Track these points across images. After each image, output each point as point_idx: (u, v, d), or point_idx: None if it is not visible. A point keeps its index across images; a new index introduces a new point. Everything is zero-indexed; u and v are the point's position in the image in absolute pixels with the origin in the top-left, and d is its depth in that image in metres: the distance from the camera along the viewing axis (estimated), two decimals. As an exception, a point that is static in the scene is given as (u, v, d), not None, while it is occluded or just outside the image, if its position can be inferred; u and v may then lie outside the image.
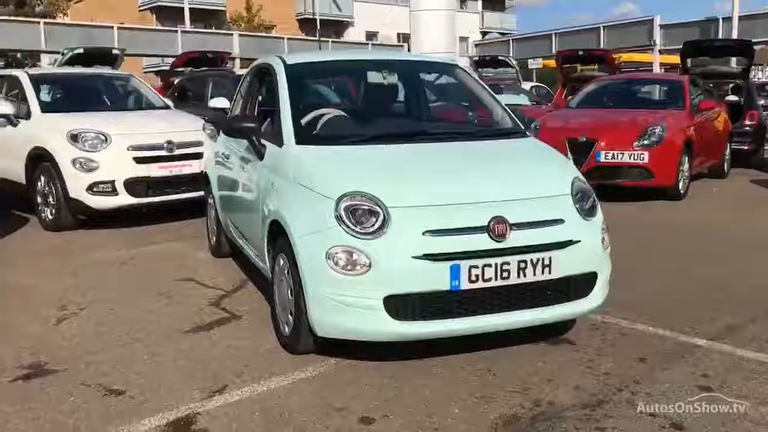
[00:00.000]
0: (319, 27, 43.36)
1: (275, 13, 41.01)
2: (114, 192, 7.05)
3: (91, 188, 7.00)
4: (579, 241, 3.49)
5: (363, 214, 3.29)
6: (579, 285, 3.55)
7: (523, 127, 4.36)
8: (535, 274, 3.36)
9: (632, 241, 6.33)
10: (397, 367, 3.49)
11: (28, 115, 7.68)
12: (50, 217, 7.26)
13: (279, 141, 3.99)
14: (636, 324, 4.09)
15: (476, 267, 3.25)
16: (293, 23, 45.98)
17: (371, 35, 45.25)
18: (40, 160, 7.30)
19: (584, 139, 8.54)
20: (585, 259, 3.53)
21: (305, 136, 3.97)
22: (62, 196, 7.05)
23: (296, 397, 3.18)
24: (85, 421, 2.99)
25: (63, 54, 12.44)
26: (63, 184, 7.02)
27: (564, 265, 3.43)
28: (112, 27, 17.48)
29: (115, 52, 13.12)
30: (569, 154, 8.52)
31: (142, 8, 42.36)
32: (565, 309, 3.54)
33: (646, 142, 8.40)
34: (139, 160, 7.14)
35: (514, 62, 18.16)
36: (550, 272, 3.39)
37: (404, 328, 3.27)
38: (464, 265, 3.23)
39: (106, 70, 11.04)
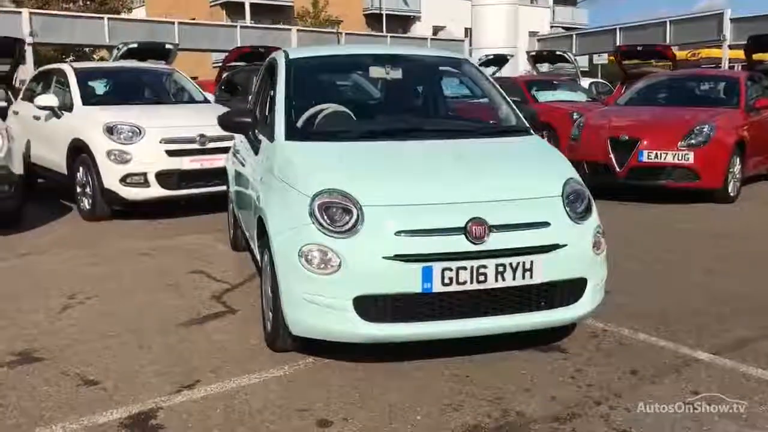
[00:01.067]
0: (385, 22, 43.54)
1: (342, 9, 41.26)
2: (146, 184, 7.21)
3: (124, 179, 7.17)
4: (566, 245, 3.33)
5: (337, 212, 3.22)
6: (566, 291, 3.39)
7: (527, 125, 4.21)
8: (515, 279, 3.22)
9: (660, 245, 6.07)
10: (374, 368, 3.41)
11: (70, 108, 7.94)
12: (87, 207, 7.48)
13: (271, 136, 3.97)
14: (638, 333, 3.89)
15: (450, 269, 3.14)
16: (359, 19, 46.21)
17: (438, 30, 45.04)
18: (79, 151, 7.53)
19: (626, 138, 8.23)
20: (572, 264, 3.37)
21: (295, 131, 3.94)
22: (98, 186, 7.25)
23: (262, 395, 3.14)
24: (51, 411, 3.03)
25: (118, 49, 12.80)
26: (98, 175, 7.22)
27: (548, 270, 3.28)
28: (173, 23, 17.89)
29: (168, 46, 13.41)
30: (611, 154, 8.26)
31: (212, 4, 43.33)
32: (549, 316, 3.39)
33: (692, 141, 8.02)
34: (171, 153, 7.27)
35: (573, 58, 17.67)
36: (532, 277, 3.25)
37: (374, 330, 3.19)
38: (437, 267, 3.13)
39: (150, 65, 11.28)
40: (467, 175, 3.52)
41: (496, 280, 3.20)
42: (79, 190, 7.58)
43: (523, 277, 3.23)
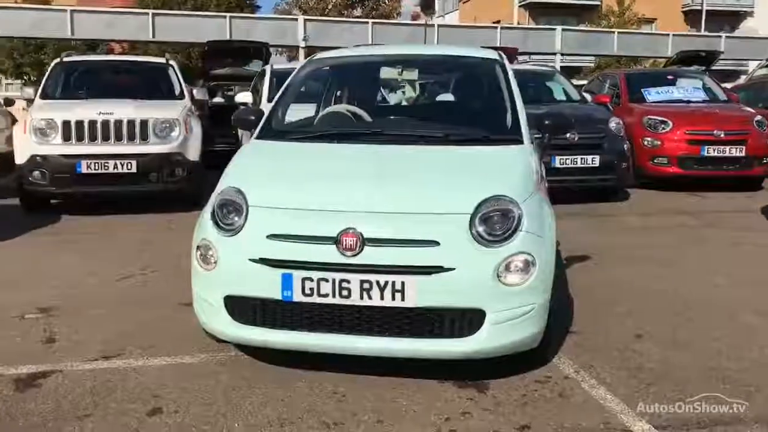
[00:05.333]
0: (704, 19, 39.68)
1: (656, 6, 38.62)
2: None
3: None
4: (453, 268, 2.94)
5: (231, 211, 3.26)
6: (457, 321, 2.99)
7: (520, 135, 3.74)
8: (383, 299, 2.95)
9: None
10: (277, 371, 3.35)
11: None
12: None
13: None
14: (597, 388, 3.24)
15: (311, 280, 2.99)
16: (677, 16, 42.76)
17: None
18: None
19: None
20: (462, 291, 2.96)
21: (269, 130, 4.01)
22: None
23: (142, 379, 3.29)
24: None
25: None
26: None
27: (426, 294, 2.94)
28: (296, 19, 18.28)
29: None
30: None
31: (520, 4, 43.58)
32: (432, 346, 3.03)
33: None
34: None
35: None
36: (404, 299, 2.94)
37: (243, 331, 3.18)
38: (297, 275, 3.00)
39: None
40: (379, 184, 3.27)
41: (362, 298, 2.96)
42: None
43: (393, 298, 2.94)
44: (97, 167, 7.46)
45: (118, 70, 9.51)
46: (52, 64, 9.19)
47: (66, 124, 7.45)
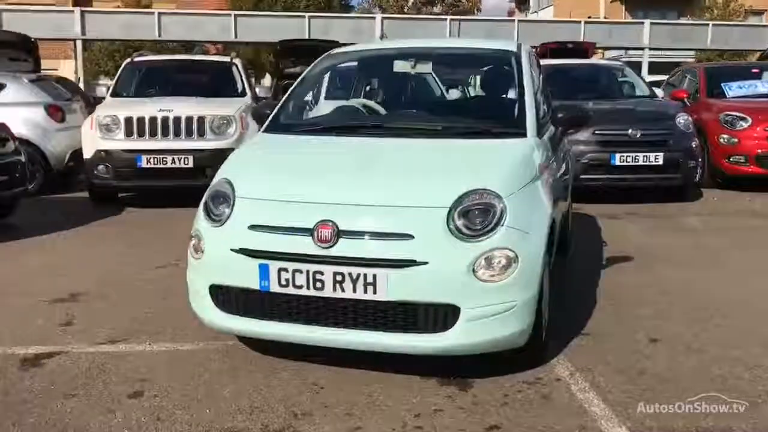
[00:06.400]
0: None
1: (768, -1, 36.50)
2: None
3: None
4: (426, 262, 2.88)
5: (221, 202, 3.32)
6: (430, 316, 2.93)
7: (525, 128, 3.62)
8: (355, 291, 2.92)
9: None
10: (267, 361, 3.40)
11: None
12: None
13: (268, 129, 4.16)
14: (587, 392, 3.10)
15: (286, 271, 3.00)
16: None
17: None
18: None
19: None
20: (435, 285, 2.89)
21: (276, 124, 4.05)
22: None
23: (136, 363, 3.41)
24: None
25: None
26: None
27: (398, 288, 2.89)
28: (374, 17, 17.95)
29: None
30: None
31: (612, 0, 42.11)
32: (405, 341, 2.97)
33: None
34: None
35: None
36: (375, 292, 2.91)
37: (228, 321, 3.23)
38: (273, 266, 3.02)
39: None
40: (361, 176, 3.26)
41: (334, 290, 2.95)
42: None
43: (365, 291, 2.91)
44: (155, 162, 7.77)
45: (184, 69, 9.85)
46: (123, 65, 9.65)
47: (128, 120, 7.80)
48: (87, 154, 8.01)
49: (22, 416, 2.88)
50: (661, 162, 8.03)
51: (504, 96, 3.99)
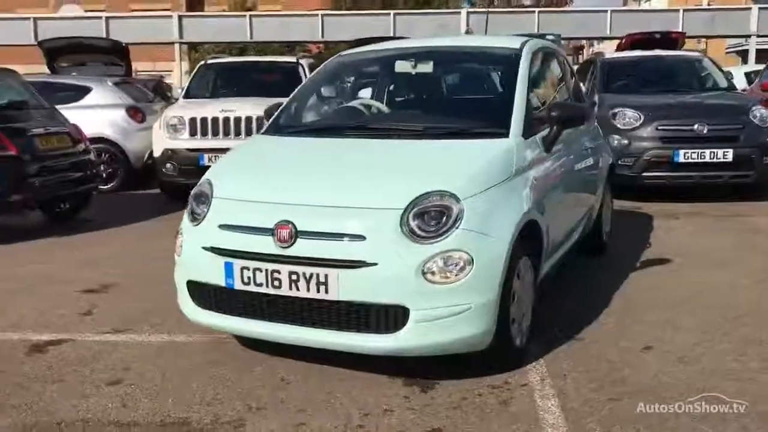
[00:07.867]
0: None
1: None
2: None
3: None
4: (375, 263, 2.90)
5: (202, 202, 3.47)
6: (381, 317, 2.95)
7: (507, 128, 3.55)
8: (309, 291, 2.99)
9: None
10: (249, 356, 3.52)
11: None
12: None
13: (274, 130, 4.27)
14: (549, 399, 3.02)
15: (247, 269, 3.11)
16: None
17: None
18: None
19: None
20: (384, 287, 2.91)
21: (276, 126, 4.14)
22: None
23: (126, 353, 3.61)
24: (31, 311, 4.18)
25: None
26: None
27: (349, 288, 2.94)
28: (459, 12, 17.36)
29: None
30: None
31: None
32: (354, 340, 3.01)
33: None
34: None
35: None
36: (327, 292, 2.96)
37: (202, 315, 3.37)
38: (237, 264, 3.13)
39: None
40: (324, 177, 3.35)
41: (290, 288, 3.02)
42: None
43: (318, 291, 2.97)
44: (216, 160, 8.08)
45: (253, 70, 10.19)
46: (197, 67, 10.10)
47: (192, 120, 8.18)
48: (157, 152, 8.47)
49: (9, 398, 3.12)
50: (730, 159, 7.57)
51: (493, 96, 3.91)
